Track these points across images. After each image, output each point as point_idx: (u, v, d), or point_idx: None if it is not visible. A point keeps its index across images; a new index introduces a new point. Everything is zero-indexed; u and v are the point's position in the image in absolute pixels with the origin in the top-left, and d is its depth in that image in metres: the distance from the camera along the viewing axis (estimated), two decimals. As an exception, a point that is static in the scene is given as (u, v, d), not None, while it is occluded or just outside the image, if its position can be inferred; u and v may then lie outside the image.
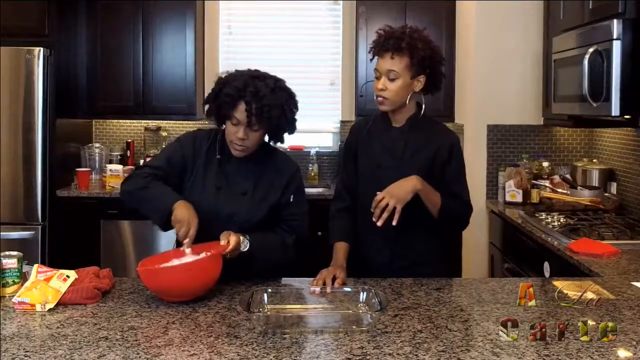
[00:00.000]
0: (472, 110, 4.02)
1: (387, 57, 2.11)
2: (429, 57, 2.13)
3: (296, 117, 2.09)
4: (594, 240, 2.60)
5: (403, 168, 2.16)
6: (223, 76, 2.07)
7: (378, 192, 2.03)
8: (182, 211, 1.93)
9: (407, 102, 2.18)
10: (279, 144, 2.20)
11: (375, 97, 2.18)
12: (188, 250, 1.90)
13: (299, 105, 2.10)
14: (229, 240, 1.90)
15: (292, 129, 2.10)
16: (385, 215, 1.98)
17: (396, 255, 2.20)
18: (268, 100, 1.96)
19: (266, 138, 2.13)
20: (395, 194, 2.01)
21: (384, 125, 2.25)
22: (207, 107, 2.10)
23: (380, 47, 2.13)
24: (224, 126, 2.10)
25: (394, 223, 1.92)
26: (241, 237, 1.96)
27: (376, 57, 2.17)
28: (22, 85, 3.92)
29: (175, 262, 1.88)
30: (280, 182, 2.12)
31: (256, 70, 2.07)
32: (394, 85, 2.12)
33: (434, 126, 2.25)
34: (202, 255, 1.89)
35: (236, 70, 2.09)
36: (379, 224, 1.98)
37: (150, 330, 1.60)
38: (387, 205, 1.99)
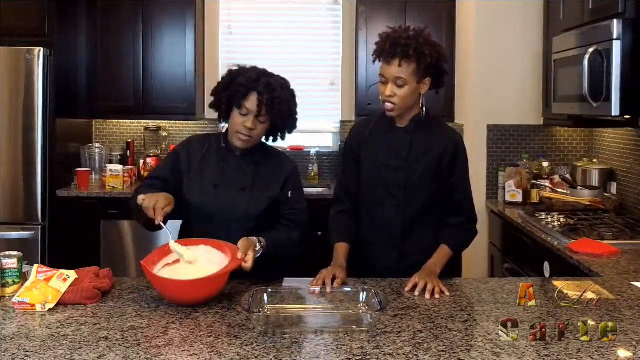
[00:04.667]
0: (472, 110, 4.01)
1: (395, 63, 2.08)
2: (435, 61, 2.12)
3: (297, 117, 2.19)
4: (594, 240, 2.60)
5: (409, 168, 2.17)
6: (234, 69, 2.17)
7: (409, 280, 2.00)
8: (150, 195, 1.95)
9: (420, 104, 2.18)
10: (278, 144, 2.23)
11: (382, 103, 2.16)
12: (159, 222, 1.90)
13: (299, 105, 2.16)
14: (246, 259, 1.88)
15: (293, 127, 2.20)
16: (430, 287, 1.93)
17: (404, 255, 2.20)
18: (279, 93, 2.08)
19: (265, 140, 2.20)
20: (428, 275, 1.99)
21: (387, 126, 2.24)
22: (213, 98, 2.16)
23: (387, 54, 2.10)
24: (222, 124, 2.18)
25: (437, 296, 1.90)
26: (257, 245, 1.97)
27: (379, 61, 2.15)
28: (22, 85, 3.91)
29: (180, 265, 1.88)
30: (279, 178, 2.18)
31: (265, 69, 2.18)
32: (402, 92, 2.11)
33: (437, 126, 2.25)
34: (210, 257, 1.90)
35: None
36: (428, 296, 1.91)
37: (150, 330, 1.60)
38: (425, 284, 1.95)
